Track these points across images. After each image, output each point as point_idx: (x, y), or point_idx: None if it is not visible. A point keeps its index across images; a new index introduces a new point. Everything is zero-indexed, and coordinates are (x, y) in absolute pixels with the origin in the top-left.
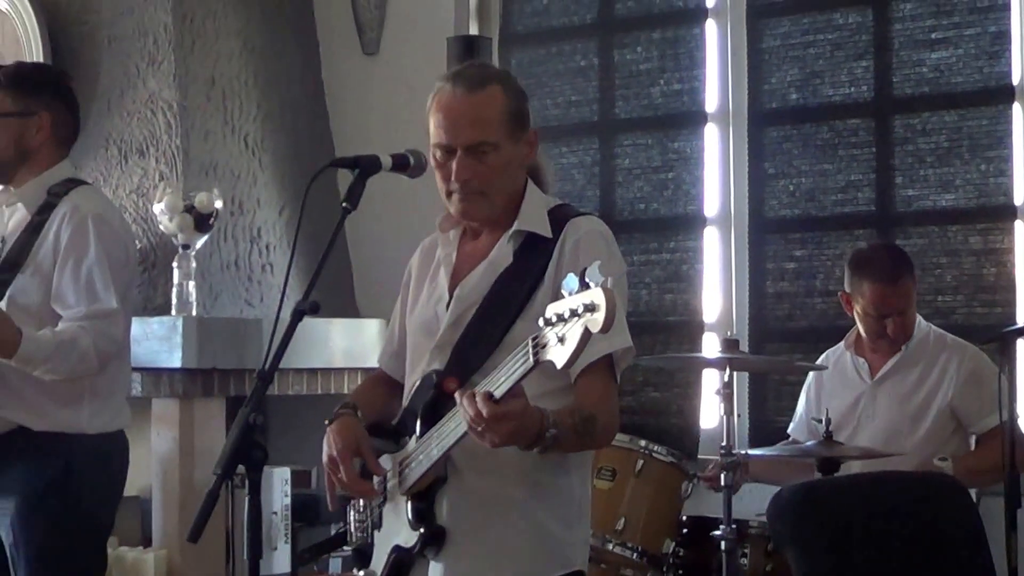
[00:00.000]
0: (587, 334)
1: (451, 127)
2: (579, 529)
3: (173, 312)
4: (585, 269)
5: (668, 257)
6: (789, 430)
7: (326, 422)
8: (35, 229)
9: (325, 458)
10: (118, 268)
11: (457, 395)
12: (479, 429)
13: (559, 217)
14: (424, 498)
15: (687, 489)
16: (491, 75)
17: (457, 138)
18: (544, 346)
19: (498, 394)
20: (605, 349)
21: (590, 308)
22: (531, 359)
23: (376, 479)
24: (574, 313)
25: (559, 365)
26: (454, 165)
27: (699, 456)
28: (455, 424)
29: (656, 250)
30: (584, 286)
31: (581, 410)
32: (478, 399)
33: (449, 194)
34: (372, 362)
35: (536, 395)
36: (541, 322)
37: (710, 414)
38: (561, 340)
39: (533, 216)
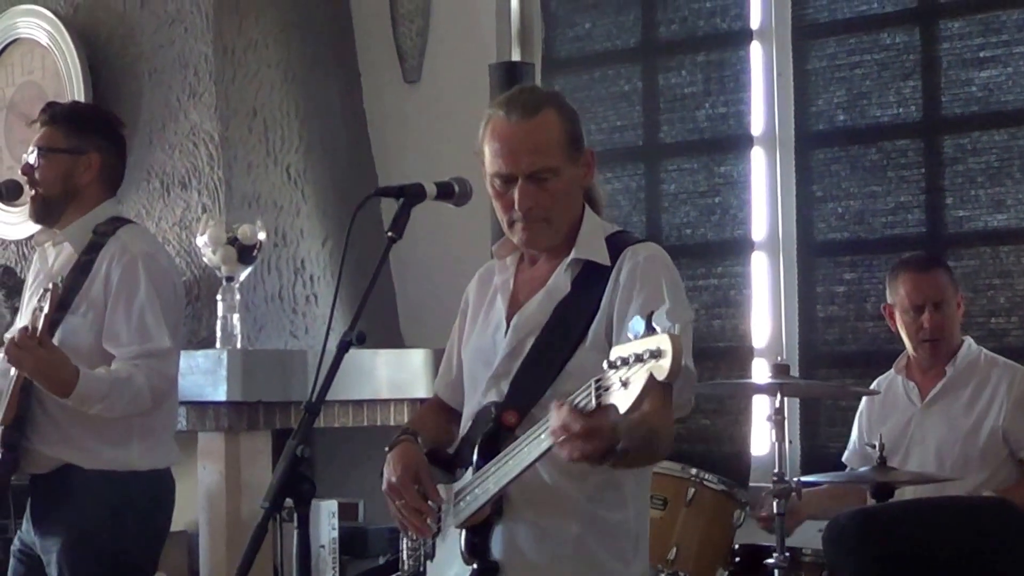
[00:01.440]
0: (652, 380)
1: (510, 155)
2: (636, 564)
3: (218, 345)
4: (652, 313)
5: (716, 282)
6: (844, 459)
7: (386, 448)
8: (83, 269)
9: (385, 485)
10: (168, 306)
11: (554, 404)
12: (562, 439)
13: (617, 244)
14: (478, 532)
15: (739, 517)
16: (544, 99)
17: (518, 166)
18: (607, 389)
19: (547, 443)
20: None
21: (656, 355)
22: (593, 401)
23: (432, 505)
24: (639, 358)
25: (622, 410)
26: (516, 193)
27: (751, 484)
28: (514, 460)
29: (704, 275)
30: (650, 330)
31: (647, 422)
32: (568, 410)
33: (511, 223)
34: (418, 393)
35: None
36: (605, 364)
37: (761, 441)
38: (624, 384)
39: (591, 244)
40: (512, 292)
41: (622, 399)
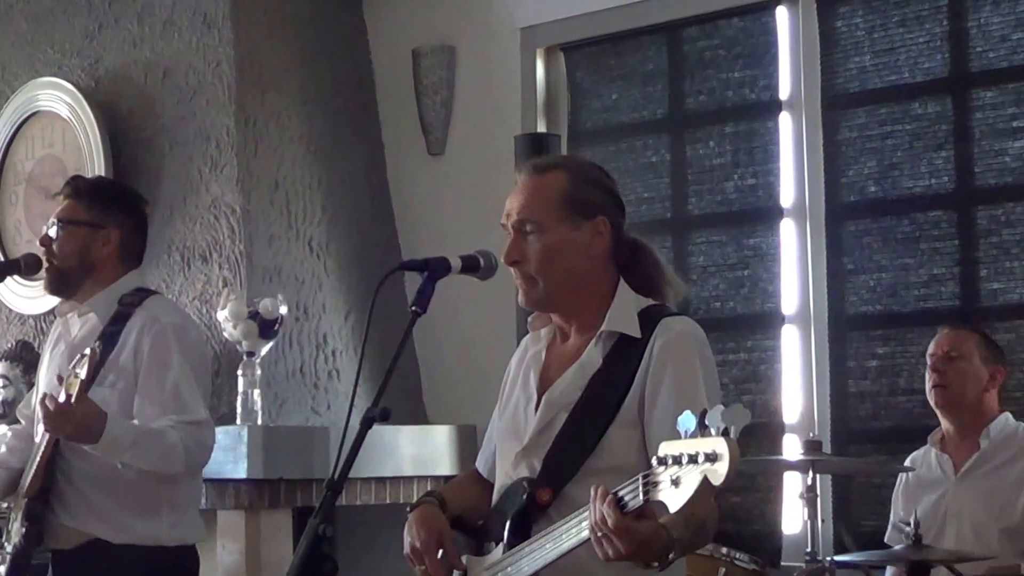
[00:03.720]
0: (706, 483)
1: (509, 203)
2: None
3: (238, 421)
4: (705, 412)
5: (746, 357)
6: (886, 539)
7: (407, 509)
8: (109, 340)
9: (407, 548)
10: (201, 378)
11: (593, 489)
12: (599, 535)
13: (650, 317)
14: None
15: None
16: (559, 162)
17: (509, 214)
18: (656, 485)
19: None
20: None
21: (711, 458)
22: (640, 497)
23: (456, 574)
24: (692, 459)
25: (672, 509)
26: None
27: (782, 563)
28: (552, 544)
29: (733, 350)
30: (702, 428)
31: (694, 518)
32: (607, 503)
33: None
34: (443, 470)
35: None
36: (654, 461)
37: (793, 519)
38: (675, 483)
39: (622, 316)
40: (544, 366)
41: (673, 498)
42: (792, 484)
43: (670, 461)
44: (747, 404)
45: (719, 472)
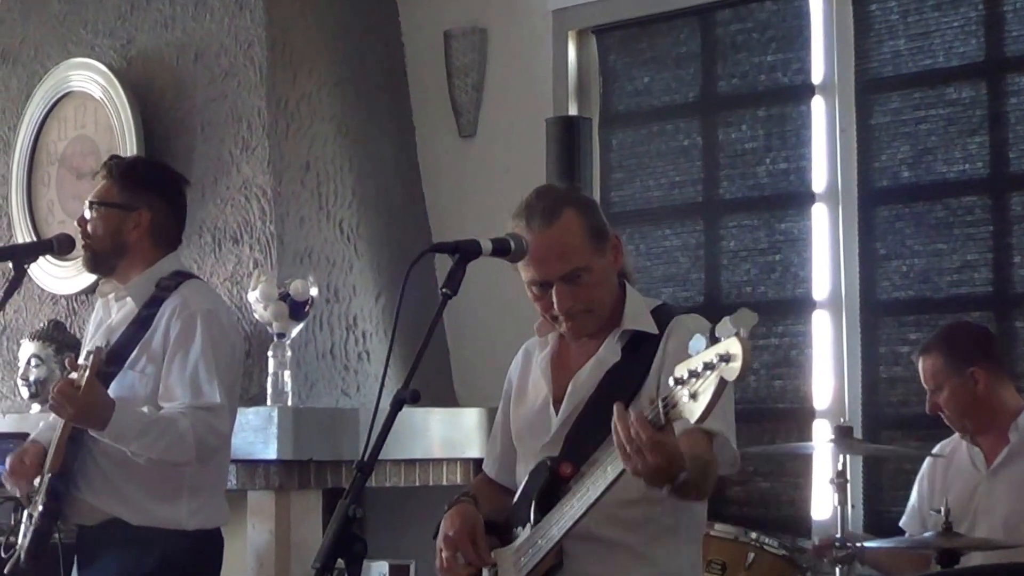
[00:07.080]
0: (722, 384)
1: (540, 264)
2: None
3: (268, 402)
4: (714, 327)
5: (776, 342)
6: (902, 523)
7: (445, 507)
8: (142, 323)
9: (440, 537)
10: (224, 365)
11: (617, 409)
12: (629, 450)
13: (663, 315)
14: None
15: None
16: (560, 200)
17: (550, 272)
18: (674, 405)
19: (613, 474)
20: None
21: (725, 358)
22: (662, 418)
23: (485, 571)
24: (708, 366)
25: (692, 420)
26: (554, 296)
27: None
28: (579, 501)
29: (764, 335)
30: (714, 341)
31: (705, 455)
32: (635, 420)
33: (555, 319)
34: (472, 452)
35: (636, 498)
36: (671, 381)
37: (823, 505)
38: (693, 396)
39: (638, 316)
40: (557, 366)
41: (691, 410)
42: (822, 470)
43: (686, 376)
44: (778, 389)
45: (734, 368)
